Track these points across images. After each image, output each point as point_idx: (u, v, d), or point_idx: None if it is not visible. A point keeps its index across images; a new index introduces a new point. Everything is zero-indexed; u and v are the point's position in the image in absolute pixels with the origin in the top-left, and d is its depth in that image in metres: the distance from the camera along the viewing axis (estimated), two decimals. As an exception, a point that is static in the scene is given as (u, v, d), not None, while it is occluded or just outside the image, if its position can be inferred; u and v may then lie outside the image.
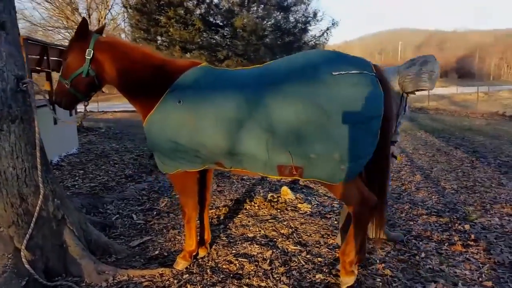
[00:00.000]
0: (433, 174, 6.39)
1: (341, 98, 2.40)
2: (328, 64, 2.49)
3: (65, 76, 3.00)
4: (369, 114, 2.41)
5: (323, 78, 2.43)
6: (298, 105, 2.43)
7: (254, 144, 2.57)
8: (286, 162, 2.54)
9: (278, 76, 2.59)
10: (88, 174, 6.10)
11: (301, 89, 2.45)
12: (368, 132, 2.44)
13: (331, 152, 2.42)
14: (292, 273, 3.05)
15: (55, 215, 3.21)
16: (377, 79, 2.47)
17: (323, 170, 2.51)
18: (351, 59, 2.57)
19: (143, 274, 3.08)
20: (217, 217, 4.28)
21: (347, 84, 2.41)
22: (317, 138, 2.42)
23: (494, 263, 3.22)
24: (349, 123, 2.39)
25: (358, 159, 2.48)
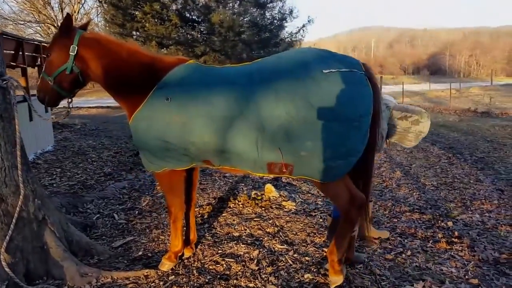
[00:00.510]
0: (413, 170, 6.53)
1: (331, 96, 2.41)
2: (318, 62, 2.50)
3: (49, 73, 2.91)
4: (359, 112, 2.45)
5: (314, 75, 2.44)
6: (289, 102, 2.43)
7: (244, 142, 2.55)
8: (276, 159, 2.54)
9: (269, 73, 2.58)
10: (66, 172, 5.93)
11: (292, 86, 2.45)
12: (358, 130, 2.47)
13: (322, 149, 2.44)
14: (280, 273, 3.05)
15: (35, 215, 3.11)
16: (366, 77, 2.50)
17: (313, 167, 2.52)
18: (342, 58, 2.59)
19: (127, 276, 3.03)
20: (201, 216, 4.25)
21: (337, 82, 2.43)
22: (308, 136, 2.43)
23: (478, 260, 3.29)
24: (339, 120, 2.41)
25: (348, 157, 2.51)
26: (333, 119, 2.41)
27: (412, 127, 3.07)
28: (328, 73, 2.44)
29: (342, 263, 2.84)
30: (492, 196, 5.05)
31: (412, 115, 3.08)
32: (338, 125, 2.42)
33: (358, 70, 2.50)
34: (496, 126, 11.89)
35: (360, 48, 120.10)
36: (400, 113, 3.11)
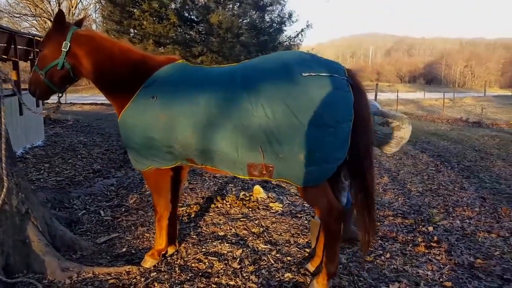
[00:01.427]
0: (400, 176, 6.59)
1: (309, 100, 2.39)
2: (299, 65, 2.48)
3: (40, 67, 2.92)
4: (336, 118, 2.39)
5: (294, 78, 2.42)
6: (268, 104, 2.42)
7: (223, 142, 2.55)
8: (256, 160, 2.52)
9: (251, 75, 2.58)
10: (54, 167, 5.91)
11: (272, 88, 2.44)
12: (335, 136, 2.41)
13: (296, 153, 2.41)
14: (261, 272, 3.06)
15: (18, 209, 3.10)
16: (349, 83, 2.46)
17: (290, 171, 2.50)
18: (324, 62, 2.57)
19: (109, 271, 3.02)
20: (188, 215, 4.24)
21: (315, 86, 2.40)
22: (285, 139, 2.41)
23: (454, 264, 3.34)
24: (315, 125, 2.37)
25: (324, 163, 2.46)
26: (309, 123, 2.38)
27: (393, 133, 3.01)
28: (307, 76, 2.42)
29: (333, 276, 2.79)
30: (474, 203, 5.13)
31: (393, 121, 3.01)
32: (314, 130, 2.38)
33: (340, 76, 2.47)
34: (486, 136, 12.03)
35: (358, 54, 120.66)
36: (382, 118, 3.05)
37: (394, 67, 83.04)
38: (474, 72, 75.92)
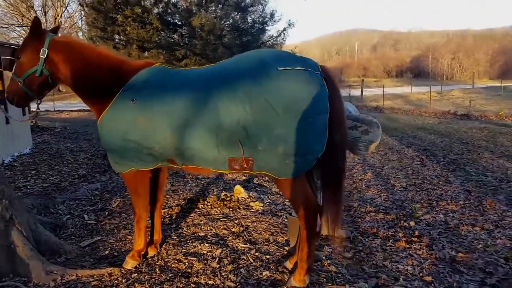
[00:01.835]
0: (384, 172, 6.66)
1: (285, 93, 2.49)
2: (275, 61, 2.58)
3: (18, 74, 2.99)
4: (312, 110, 2.47)
5: (269, 72, 2.52)
6: (245, 99, 2.51)
7: (203, 140, 2.64)
8: (236, 155, 2.61)
9: (228, 72, 2.69)
10: (41, 174, 6.00)
11: (248, 84, 2.53)
12: (313, 128, 2.49)
13: (275, 145, 2.51)
14: (240, 270, 3.16)
15: (3, 215, 3.21)
16: (323, 78, 2.56)
17: (270, 163, 2.59)
18: (298, 58, 2.68)
19: (92, 273, 3.13)
20: (170, 216, 4.37)
21: (291, 79, 2.50)
22: (263, 131, 2.50)
23: (435, 258, 3.39)
24: (293, 117, 2.47)
25: (303, 155, 2.54)
26: (288, 115, 2.47)
27: (362, 137, 3.05)
28: (283, 70, 2.52)
29: (309, 271, 2.89)
30: (458, 197, 5.13)
31: (361, 125, 3.07)
32: (293, 122, 2.47)
33: (314, 70, 2.57)
34: (474, 129, 12.09)
35: (344, 51, 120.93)
36: (351, 122, 3.10)
37: (380, 62, 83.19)
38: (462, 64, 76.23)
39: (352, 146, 3.13)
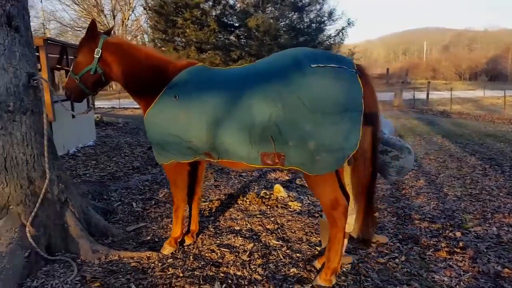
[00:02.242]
0: (439, 180, 6.32)
1: (316, 90, 2.53)
2: (308, 58, 2.64)
3: (75, 72, 3.29)
4: (344, 106, 2.51)
5: (303, 70, 2.58)
6: (278, 96, 2.59)
7: (237, 135, 2.76)
8: (268, 149, 2.70)
9: (262, 70, 2.80)
10: (100, 164, 6.53)
11: (281, 81, 2.61)
12: (343, 124, 2.52)
13: (305, 141, 2.56)
14: (269, 265, 3.26)
15: (59, 198, 3.58)
16: (358, 75, 2.58)
17: (300, 158, 2.65)
18: (333, 56, 2.73)
19: (132, 255, 3.41)
20: (209, 209, 4.59)
21: (324, 76, 2.55)
22: (294, 127, 2.57)
23: (477, 272, 3.22)
24: (323, 113, 2.51)
25: (333, 151, 2.57)
26: (318, 112, 2.51)
27: (392, 162, 2.99)
28: (316, 67, 2.56)
29: (336, 273, 2.93)
30: None
31: (392, 150, 3.00)
32: (322, 118, 2.51)
33: (349, 68, 2.60)
34: (554, 140, 10.94)
35: (411, 51, 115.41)
36: (382, 146, 3.00)
37: (452, 63, 77.72)
38: (546, 65, 69.25)
39: (382, 170, 3.05)
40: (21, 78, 3.36)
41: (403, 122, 14.36)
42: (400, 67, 72.69)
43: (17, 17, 3.36)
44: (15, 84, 3.31)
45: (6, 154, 3.27)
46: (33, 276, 3.04)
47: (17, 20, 3.36)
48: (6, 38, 3.26)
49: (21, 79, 3.36)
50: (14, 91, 3.31)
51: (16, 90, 3.32)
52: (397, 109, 19.98)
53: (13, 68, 3.30)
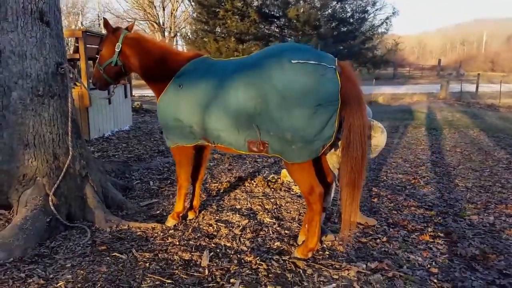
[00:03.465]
0: (456, 171, 6.29)
1: (294, 84, 2.75)
2: (291, 54, 2.86)
3: (100, 64, 3.74)
4: (319, 101, 2.70)
5: (283, 65, 2.81)
6: (262, 88, 2.84)
7: (226, 122, 3.07)
8: (254, 137, 2.99)
9: (250, 62, 3.07)
10: (129, 147, 7.09)
11: (266, 74, 2.86)
12: (319, 118, 2.73)
13: (283, 131, 2.82)
14: (257, 239, 3.57)
15: (80, 172, 4.08)
16: (338, 72, 2.77)
17: (280, 147, 2.93)
18: (316, 52, 2.93)
19: (139, 226, 3.84)
20: (218, 190, 4.95)
21: (302, 71, 2.76)
22: (275, 118, 2.82)
23: (454, 254, 3.35)
24: (300, 106, 2.73)
25: (308, 142, 2.82)
26: (295, 105, 2.75)
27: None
28: (296, 63, 2.78)
29: (312, 251, 3.20)
30: None
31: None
32: (298, 110, 2.74)
33: (328, 64, 2.79)
34: None
35: (470, 42, 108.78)
36: None
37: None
38: None
39: None
40: (50, 66, 3.86)
41: (444, 115, 13.94)
42: (455, 59, 69.01)
43: (48, 13, 3.85)
44: (44, 72, 3.81)
45: (35, 132, 3.78)
46: (52, 239, 3.55)
47: (48, 16, 3.84)
48: (38, 31, 3.75)
49: (50, 67, 3.86)
50: (44, 77, 3.81)
51: (45, 76, 3.82)
52: (442, 101, 19.30)
53: (43, 57, 3.80)
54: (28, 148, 3.75)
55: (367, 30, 18.35)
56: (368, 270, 3.02)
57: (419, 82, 34.20)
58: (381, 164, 6.61)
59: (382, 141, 3.27)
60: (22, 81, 3.69)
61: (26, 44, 3.68)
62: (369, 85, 24.72)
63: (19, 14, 3.61)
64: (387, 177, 5.83)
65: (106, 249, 3.38)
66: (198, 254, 3.29)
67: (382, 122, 11.77)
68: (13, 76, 3.65)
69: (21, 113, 3.71)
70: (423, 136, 9.49)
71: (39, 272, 2.97)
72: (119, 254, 3.27)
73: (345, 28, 17.42)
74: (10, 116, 3.69)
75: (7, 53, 3.61)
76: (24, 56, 3.67)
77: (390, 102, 19.60)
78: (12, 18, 3.59)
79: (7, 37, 3.59)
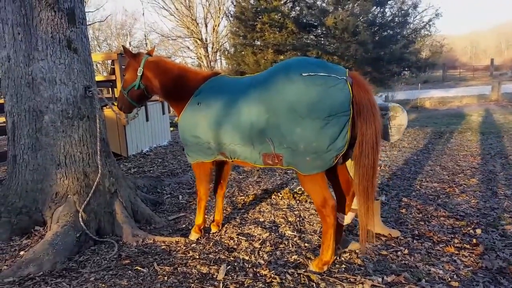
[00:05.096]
0: (497, 177, 5.91)
1: (306, 96, 2.79)
2: (299, 67, 2.91)
3: (124, 88, 3.94)
4: (330, 112, 2.72)
5: (292, 78, 2.86)
6: (274, 102, 2.91)
7: (241, 137, 3.14)
8: (269, 151, 3.04)
9: (261, 78, 3.16)
10: (165, 162, 7.33)
11: (276, 88, 2.92)
12: (330, 128, 2.75)
13: (297, 143, 2.85)
14: (276, 252, 3.56)
15: (109, 189, 4.29)
16: (348, 82, 2.78)
17: (294, 159, 2.96)
18: (325, 65, 2.94)
19: (164, 240, 3.95)
20: (244, 203, 4.98)
21: (313, 83, 2.79)
22: (287, 131, 2.87)
23: (479, 267, 3.19)
24: (311, 118, 2.76)
25: (321, 153, 2.82)
26: (306, 116, 2.78)
27: (391, 123, 3.28)
28: (306, 76, 2.83)
29: (327, 264, 3.17)
30: None
31: (387, 112, 3.28)
32: (310, 122, 2.77)
33: (338, 76, 2.80)
34: None
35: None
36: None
37: None
38: None
39: (384, 134, 3.31)
40: (79, 90, 4.12)
41: (496, 118, 13.13)
42: (511, 58, 65.03)
43: (76, 40, 4.13)
44: (73, 95, 4.08)
45: (66, 152, 4.04)
46: (81, 253, 3.74)
47: (75, 43, 4.12)
48: (66, 58, 4.03)
49: (79, 91, 4.12)
50: (73, 101, 4.07)
51: (74, 100, 4.08)
52: (494, 104, 18.19)
53: (72, 82, 4.07)
54: (60, 168, 4.01)
55: (409, 34, 17.77)
56: (384, 284, 2.91)
57: (470, 84, 32.48)
58: (417, 172, 6.34)
59: (404, 119, 3.29)
60: (53, 105, 3.96)
61: (56, 71, 3.95)
62: (415, 89, 23.91)
63: (48, 43, 3.90)
64: (421, 186, 5.57)
65: (130, 263, 3.51)
66: (216, 267, 3.33)
67: (427, 127, 11.35)
68: (44, 101, 3.93)
69: (53, 135, 3.98)
70: (467, 141, 8.99)
71: (65, 285, 3.14)
72: (141, 267, 3.39)
73: (385, 32, 16.98)
74: (43, 138, 3.97)
75: (39, 80, 3.90)
76: (54, 82, 3.95)
77: (437, 106, 18.78)
78: (42, 47, 3.88)
79: (38, 65, 3.89)
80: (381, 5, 16.55)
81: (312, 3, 16.06)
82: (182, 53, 33.17)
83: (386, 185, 5.59)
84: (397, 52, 15.69)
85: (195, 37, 29.65)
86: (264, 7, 15.19)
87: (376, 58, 15.68)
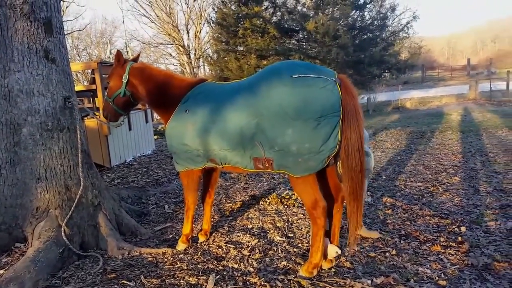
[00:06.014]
0: (478, 175, 6.02)
1: (296, 98, 2.77)
2: (289, 69, 2.90)
3: (109, 96, 3.85)
4: (321, 112, 2.72)
5: (283, 80, 2.85)
6: (264, 105, 2.88)
7: (232, 142, 3.10)
8: (259, 154, 3.01)
9: (251, 82, 3.13)
10: (149, 171, 7.21)
11: (266, 91, 2.90)
12: (321, 128, 2.74)
13: (289, 145, 2.83)
14: (265, 259, 3.52)
15: (92, 202, 4.17)
16: (337, 84, 2.79)
17: (286, 162, 2.92)
18: (314, 67, 2.95)
19: (150, 251, 3.86)
20: (231, 210, 4.93)
21: (303, 85, 2.79)
22: (279, 133, 2.84)
23: (465, 265, 3.23)
24: (302, 119, 2.75)
25: (314, 154, 2.81)
26: (296, 118, 2.76)
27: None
28: (296, 78, 2.82)
29: (317, 266, 3.15)
30: None
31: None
32: (300, 123, 2.76)
33: (327, 77, 2.81)
34: None
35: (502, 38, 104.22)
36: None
37: (550, 50, 69.64)
38: None
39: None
40: (58, 101, 4.02)
41: (475, 116, 13.41)
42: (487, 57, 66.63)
43: (53, 50, 4.03)
44: (52, 107, 3.97)
45: (46, 166, 3.92)
46: (65, 269, 3.62)
47: (53, 53, 4.02)
48: (44, 68, 3.93)
49: (58, 102, 4.01)
50: (52, 112, 3.96)
51: (53, 111, 3.97)
52: (472, 102, 18.61)
53: (51, 93, 3.97)
54: (40, 182, 3.88)
55: (388, 36, 18.11)
56: (374, 286, 2.91)
57: (449, 84, 33.22)
58: (400, 172, 6.40)
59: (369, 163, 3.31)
60: (31, 118, 3.85)
61: (33, 82, 3.85)
62: (395, 90, 24.26)
63: (25, 54, 3.80)
64: (406, 186, 5.62)
65: (116, 277, 3.41)
66: (205, 277, 3.26)
67: (408, 127, 11.54)
68: (22, 114, 3.81)
69: (32, 148, 3.86)
70: (448, 140, 9.14)
71: (48, 303, 3.03)
72: (128, 281, 3.30)
73: (365, 36, 17.26)
74: (22, 152, 3.85)
75: (15, 92, 3.79)
76: (31, 94, 3.84)
77: (418, 107, 19.10)
78: (18, 59, 3.77)
79: (15, 76, 3.78)
80: (360, 8, 16.83)
81: (292, 8, 16.18)
82: (165, 60, 33.04)
83: (371, 186, 5.61)
84: (377, 55, 15.92)
85: (177, 43, 29.53)
86: (246, 13, 15.24)
87: (357, 61, 15.88)
